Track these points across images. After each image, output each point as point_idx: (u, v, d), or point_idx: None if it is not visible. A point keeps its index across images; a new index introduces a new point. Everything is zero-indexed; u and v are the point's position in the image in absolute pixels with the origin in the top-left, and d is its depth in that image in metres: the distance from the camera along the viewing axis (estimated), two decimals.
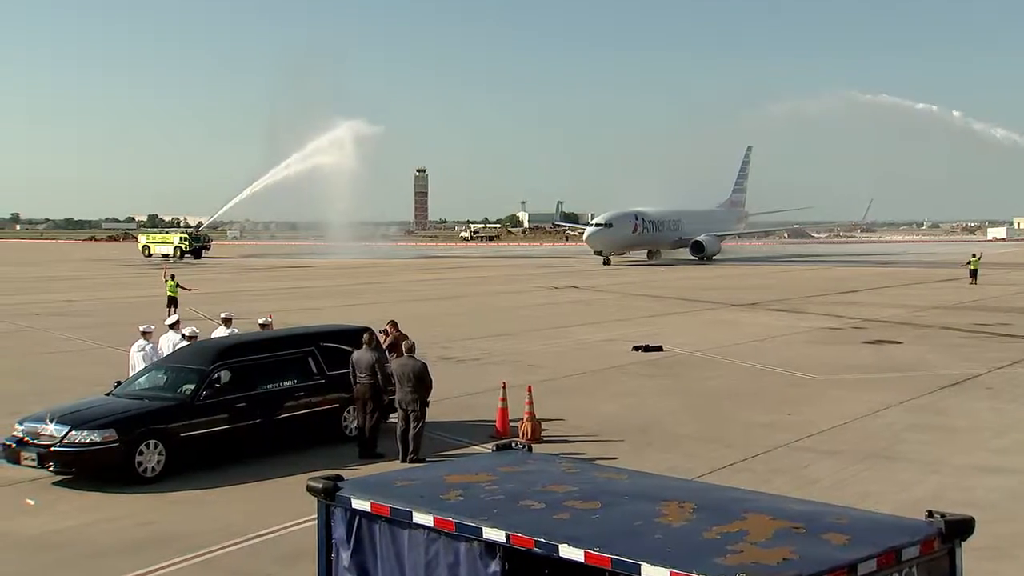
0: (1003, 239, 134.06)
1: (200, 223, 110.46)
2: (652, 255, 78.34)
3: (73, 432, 12.80)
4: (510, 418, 15.70)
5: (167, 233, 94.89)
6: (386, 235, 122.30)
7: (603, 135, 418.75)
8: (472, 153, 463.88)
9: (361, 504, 5.98)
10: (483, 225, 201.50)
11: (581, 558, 4.95)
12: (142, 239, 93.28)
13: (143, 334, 16.57)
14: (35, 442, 12.94)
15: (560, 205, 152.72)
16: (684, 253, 76.91)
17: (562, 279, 53.88)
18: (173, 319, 18.27)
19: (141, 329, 16.73)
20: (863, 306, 37.81)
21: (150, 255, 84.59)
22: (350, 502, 6.05)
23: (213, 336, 17.49)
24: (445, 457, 13.59)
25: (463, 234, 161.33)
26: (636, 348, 25.05)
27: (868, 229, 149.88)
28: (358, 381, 14.55)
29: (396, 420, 14.39)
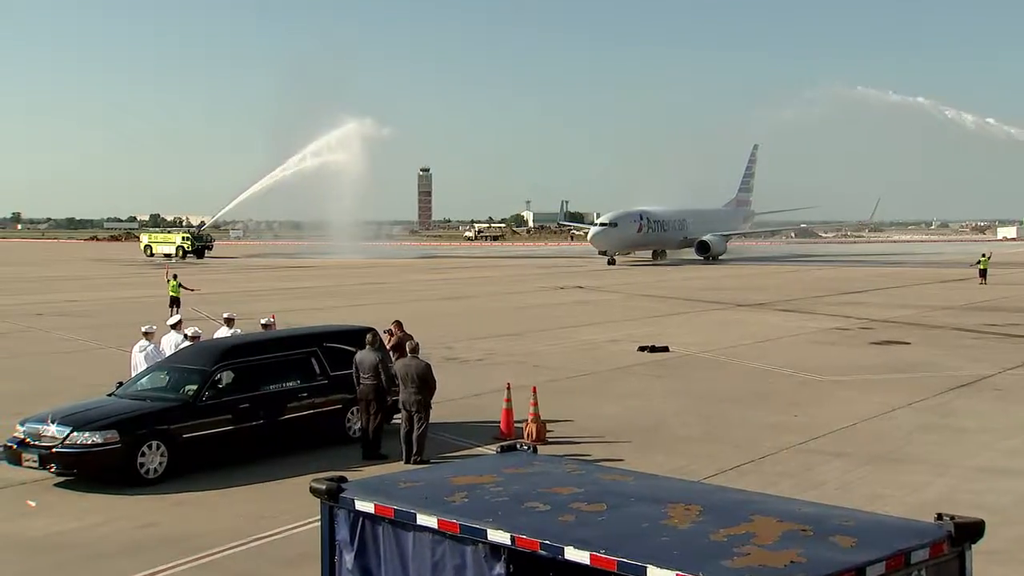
0: (1013, 239, 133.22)
1: (203, 222, 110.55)
2: (657, 255, 78.10)
3: (75, 433, 12.76)
4: (515, 419, 15.63)
5: (169, 233, 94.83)
6: (390, 235, 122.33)
7: (608, 134, 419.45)
8: (476, 152, 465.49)
9: (365, 506, 5.96)
10: (487, 225, 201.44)
11: (587, 560, 4.93)
12: (144, 239, 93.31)
13: (145, 334, 16.53)
14: (37, 443, 12.89)
15: (565, 204, 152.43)
16: (689, 253, 76.73)
17: (567, 279, 53.80)
18: (175, 319, 18.22)
19: (143, 329, 16.69)
20: (871, 306, 37.66)
21: (152, 255, 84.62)
22: (354, 504, 6.03)
23: (215, 336, 17.44)
24: (449, 458, 13.53)
25: (467, 234, 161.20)
26: (642, 348, 24.96)
27: (876, 229, 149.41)
28: (361, 382, 14.50)
29: (400, 421, 14.35)
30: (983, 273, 49.32)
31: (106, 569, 10.05)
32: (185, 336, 16.75)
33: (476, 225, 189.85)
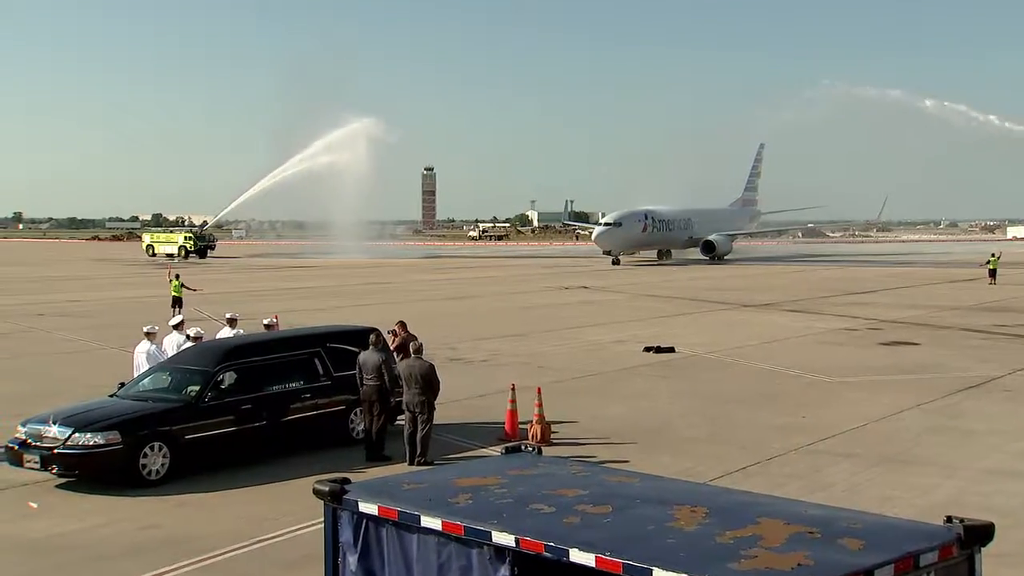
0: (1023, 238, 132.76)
1: (205, 222, 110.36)
2: (662, 255, 77.91)
3: (77, 434, 12.70)
4: (519, 420, 15.55)
5: (171, 232, 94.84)
6: (394, 234, 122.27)
7: (614, 133, 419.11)
8: (481, 152, 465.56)
9: (368, 507, 5.93)
10: (492, 224, 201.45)
11: (592, 563, 4.90)
12: (146, 238, 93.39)
13: (147, 335, 16.45)
14: (38, 444, 12.84)
15: (570, 204, 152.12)
16: (695, 253, 76.55)
17: (572, 279, 53.73)
18: (177, 319, 18.14)
19: (145, 330, 16.60)
20: (879, 307, 37.51)
21: (154, 255, 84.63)
22: (357, 505, 6.00)
23: (218, 337, 17.39)
24: (453, 460, 13.48)
25: (471, 233, 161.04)
26: (647, 349, 24.86)
27: (884, 228, 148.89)
28: (365, 383, 14.44)
29: (404, 422, 14.27)
30: (993, 273, 48.95)
31: (108, 571, 10.02)
32: (187, 336, 16.67)
33: (480, 225, 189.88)
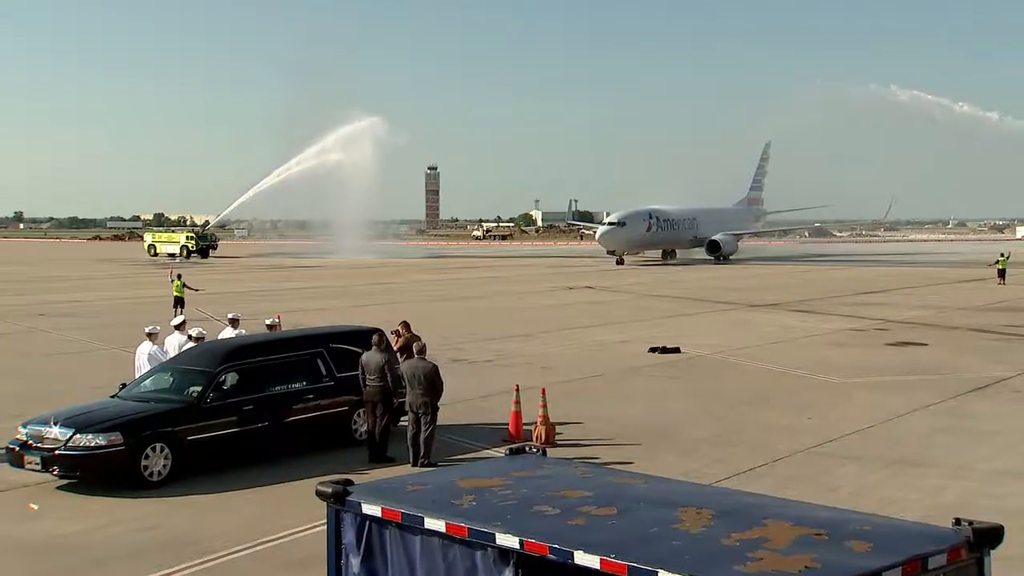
0: None
1: (207, 222, 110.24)
2: (667, 255, 77.60)
3: (78, 435, 12.65)
4: (524, 421, 15.48)
5: (173, 232, 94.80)
6: (397, 234, 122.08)
7: (619, 132, 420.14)
8: (485, 150, 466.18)
9: (371, 509, 5.90)
10: (496, 224, 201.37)
11: (597, 565, 4.87)
12: (148, 238, 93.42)
13: (149, 335, 16.38)
14: (39, 445, 12.78)
15: (574, 203, 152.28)
16: (700, 253, 76.08)
17: (576, 279, 53.64)
18: (179, 320, 18.08)
19: (147, 330, 16.54)
20: (887, 307, 37.32)
21: (156, 254, 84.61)
22: (360, 507, 5.97)
23: (220, 337, 17.30)
24: (457, 461, 13.42)
25: (475, 233, 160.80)
26: (653, 350, 24.76)
27: (891, 228, 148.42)
28: (367, 383, 14.36)
29: (407, 423, 14.19)
30: (1002, 273, 48.70)
31: (109, 572, 10.00)
32: (189, 337, 16.60)
33: (484, 224, 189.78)
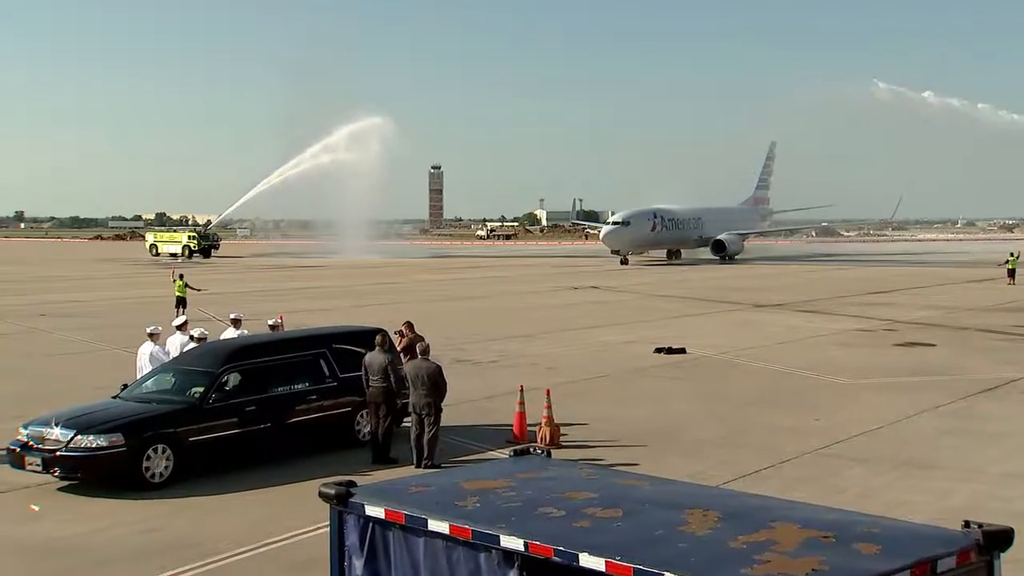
0: None
1: (209, 221, 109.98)
2: (672, 255, 77.35)
3: (79, 436, 12.60)
4: (528, 422, 15.38)
5: (175, 232, 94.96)
6: (400, 233, 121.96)
7: (624, 131, 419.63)
8: (489, 149, 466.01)
9: (375, 511, 5.87)
10: (500, 223, 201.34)
11: (602, 567, 4.82)
12: (150, 238, 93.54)
13: (150, 336, 16.32)
14: (40, 446, 12.73)
15: (579, 202, 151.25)
16: (705, 252, 75.82)
17: (581, 279, 53.53)
18: (181, 320, 18.04)
19: (148, 331, 16.48)
20: (894, 307, 37.13)
21: (158, 254, 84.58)
22: (363, 509, 5.93)
23: (222, 338, 17.24)
24: (461, 463, 13.34)
25: (479, 233, 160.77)
26: (658, 350, 24.64)
27: (899, 227, 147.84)
28: (370, 384, 14.30)
29: (410, 424, 14.12)
30: (1011, 273, 48.48)
31: (111, 574, 9.94)
32: (191, 337, 16.55)
33: (488, 224, 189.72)
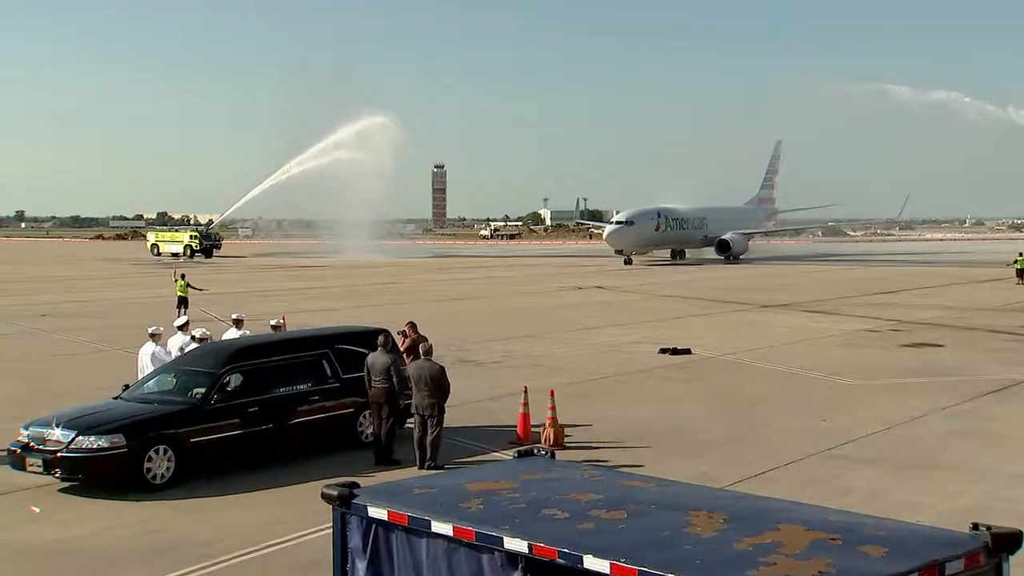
0: None
1: (210, 221, 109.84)
2: (676, 254, 77.26)
3: (80, 437, 12.55)
4: (532, 423, 15.31)
5: (177, 231, 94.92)
6: (403, 233, 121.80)
7: (627, 130, 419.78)
8: (492, 148, 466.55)
9: (378, 512, 5.86)
10: (504, 223, 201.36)
11: (606, 569, 4.80)
12: (151, 237, 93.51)
13: (152, 336, 16.28)
14: (41, 447, 12.67)
15: (583, 202, 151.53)
16: (710, 252, 75.58)
17: (585, 279, 53.45)
18: (182, 320, 18.01)
19: (150, 331, 16.44)
20: (902, 307, 37.03)
21: (159, 254, 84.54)
22: (366, 510, 5.92)
23: (224, 338, 17.22)
24: (465, 464, 13.30)
25: (483, 232, 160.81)
26: (663, 351, 24.55)
27: (906, 227, 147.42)
28: (373, 385, 14.24)
29: (413, 425, 14.05)
30: (1020, 273, 48.22)
31: None
32: (193, 338, 16.50)
33: (492, 223, 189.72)
